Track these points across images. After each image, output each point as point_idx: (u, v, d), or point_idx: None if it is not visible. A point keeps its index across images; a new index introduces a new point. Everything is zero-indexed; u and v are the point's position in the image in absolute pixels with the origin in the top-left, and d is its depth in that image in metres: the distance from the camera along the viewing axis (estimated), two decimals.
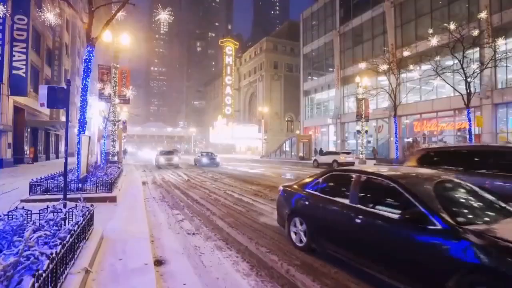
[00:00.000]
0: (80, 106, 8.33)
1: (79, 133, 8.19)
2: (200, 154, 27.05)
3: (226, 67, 68.57)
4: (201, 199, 9.29)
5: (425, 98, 29.63)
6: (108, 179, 7.98)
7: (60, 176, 8.94)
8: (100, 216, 6.03)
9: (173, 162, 23.81)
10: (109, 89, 15.72)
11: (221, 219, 6.59)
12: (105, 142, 15.60)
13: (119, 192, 8.75)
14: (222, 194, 10.23)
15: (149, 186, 12.51)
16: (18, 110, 21.45)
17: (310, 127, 46.70)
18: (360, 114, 27.34)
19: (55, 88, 5.31)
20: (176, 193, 10.54)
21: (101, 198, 7.49)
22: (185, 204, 8.40)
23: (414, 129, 31.32)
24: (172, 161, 23.77)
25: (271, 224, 6.15)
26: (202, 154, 26.83)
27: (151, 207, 7.93)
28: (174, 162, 23.84)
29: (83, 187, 7.68)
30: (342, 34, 40.32)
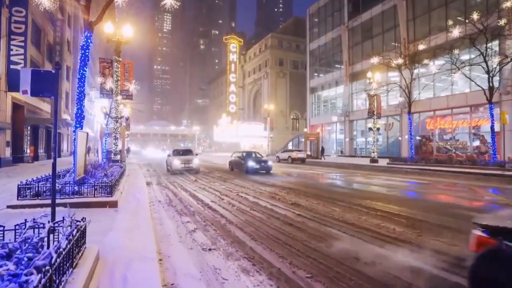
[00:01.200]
0: (77, 98, 7.38)
1: (75, 129, 7.24)
2: (242, 155, 18.77)
3: (230, 65, 67.52)
4: (213, 202, 8.32)
5: (439, 94, 28.47)
6: (108, 181, 7.02)
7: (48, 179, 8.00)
8: (98, 226, 5.08)
9: (192, 165, 17.19)
10: (110, 83, 14.79)
11: (240, 229, 5.61)
12: (106, 140, 14.67)
13: (121, 195, 7.80)
14: (234, 196, 9.26)
15: (153, 188, 11.56)
16: (17, 107, 20.61)
17: (317, 125, 45.61)
18: (372, 111, 26.24)
19: (41, 72, 4.35)
20: (183, 196, 9.58)
21: (100, 203, 6.54)
22: (195, 209, 7.43)
23: (427, 126, 30.17)
24: (191, 163, 17.16)
25: (299, 236, 5.16)
26: (244, 155, 18.69)
27: (157, 213, 6.97)
28: (194, 165, 17.23)
29: (79, 190, 6.73)
30: (350, 29, 39.16)
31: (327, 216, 6.65)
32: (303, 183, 12.75)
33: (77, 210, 6.42)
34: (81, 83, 7.45)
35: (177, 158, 17.40)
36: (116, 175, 8.64)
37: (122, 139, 29.04)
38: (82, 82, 7.48)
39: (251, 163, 17.14)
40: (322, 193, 9.86)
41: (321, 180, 14.63)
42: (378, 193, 9.99)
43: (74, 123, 7.40)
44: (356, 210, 7.27)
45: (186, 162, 17.15)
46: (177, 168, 16.99)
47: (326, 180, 14.56)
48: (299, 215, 6.74)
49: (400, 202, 8.27)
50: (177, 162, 16.99)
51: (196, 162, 17.45)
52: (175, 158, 17.31)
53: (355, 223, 5.97)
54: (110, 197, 6.78)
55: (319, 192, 9.99)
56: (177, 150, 19.24)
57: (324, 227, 5.72)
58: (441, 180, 13.85)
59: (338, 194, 9.77)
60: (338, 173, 18.33)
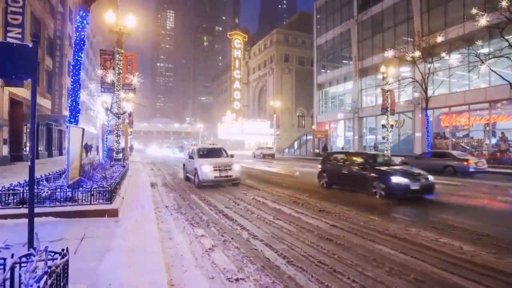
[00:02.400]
0: (72, 88, 6.35)
1: (70, 123, 6.20)
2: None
3: (235, 61, 66.33)
4: (227, 209, 7.26)
5: (455, 90, 27.19)
6: (107, 185, 5.98)
7: (47, 179, 6.98)
8: (93, 245, 4.04)
9: (232, 173, 11.29)
10: (111, 76, 13.74)
11: (268, 246, 4.54)
12: (107, 137, 13.65)
13: (123, 201, 6.76)
14: (250, 201, 8.19)
15: (159, 189, 10.54)
16: (15, 103, 19.67)
17: (324, 122, 44.38)
18: (386, 107, 25.01)
19: (13, 46, 3.32)
20: (192, 200, 8.54)
21: (97, 212, 5.50)
22: (208, 218, 6.38)
23: (441, 123, 28.89)
24: (229, 170, 11.29)
25: (346, 257, 4.09)
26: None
27: (164, 223, 5.93)
28: (234, 173, 11.35)
29: (73, 196, 5.70)
30: (360, 23, 37.80)
31: (367, 227, 5.57)
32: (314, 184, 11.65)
33: (70, 220, 5.40)
34: (76, 71, 6.41)
35: (207, 162, 11.16)
36: (117, 177, 7.59)
37: (125, 137, 28.08)
38: (77, 70, 6.44)
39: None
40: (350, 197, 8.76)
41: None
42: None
43: (68, 118, 6.36)
44: (397, 219, 6.19)
45: (223, 169, 11.04)
46: (208, 177, 10.73)
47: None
48: (333, 226, 5.66)
49: (457, 210, 7.14)
50: (208, 169, 10.79)
51: (237, 168, 11.43)
52: (204, 163, 11.08)
53: (407, 238, 4.88)
54: (109, 204, 5.74)
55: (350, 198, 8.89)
56: (204, 150, 12.74)
57: (371, 244, 4.63)
58: (473, 182, 12.69)
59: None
60: None
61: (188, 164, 12.69)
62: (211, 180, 10.81)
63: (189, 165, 12.31)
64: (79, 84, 6.45)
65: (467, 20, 24.96)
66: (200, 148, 12.74)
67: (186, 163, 13.07)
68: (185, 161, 13.55)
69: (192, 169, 11.67)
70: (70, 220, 5.26)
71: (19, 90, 18.99)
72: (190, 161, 12.17)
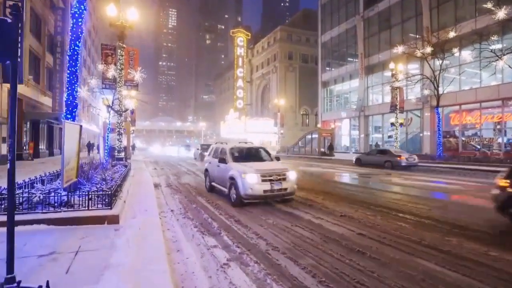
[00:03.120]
0: (68, 81, 5.75)
1: (66, 119, 5.60)
2: None
3: (238, 59, 65.59)
4: (238, 214, 6.65)
5: (465, 87, 26.46)
6: (107, 189, 5.37)
7: (42, 181, 6.39)
8: (88, 260, 3.44)
9: (286, 186, 7.67)
10: (113, 71, 13.12)
11: (293, 261, 3.92)
12: (108, 135, 13.05)
13: (124, 204, 6.16)
14: (262, 205, 7.58)
15: (163, 190, 9.94)
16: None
17: (329, 120, 43.69)
18: (395, 104, 24.33)
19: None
20: (199, 202, 7.93)
21: (96, 219, 4.90)
22: (219, 224, 5.77)
23: (451, 122, 28.13)
24: (284, 182, 7.63)
25: (388, 277, 3.46)
26: None
27: (170, 230, 5.33)
28: (288, 186, 7.73)
29: (69, 200, 5.09)
30: (366, 19, 37.05)
31: (400, 237, 4.93)
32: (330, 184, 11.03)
33: (64, 229, 4.78)
34: (72, 61, 5.80)
35: (251, 169, 7.58)
36: (118, 179, 6.97)
37: (127, 135, 27.52)
38: (74, 61, 5.84)
39: None
40: (367, 199, 8.13)
41: (353, 182, 12.89)
42: (451, 202, 8.24)
43: (64, 113, 5.77)
44: (432, 226, 5.55)
45: (275, 179, 7.49)
46: (255, 191, 7.25)
47: (357, 182, 12.81)
48: (360, 235, 5.03)
49: None
50: (255, 179, 7.31)
51: (293, 178, 7.86)
52: (247, 170, 7.55)
53: (451, 251, 4.24)
54: (109, 209, 5.13)
55: (364, 198, 8.27)
56: (239, 150, 9.20)
57: (411, 259, 4.00)
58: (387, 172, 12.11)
59: (392, 203, 8.03)
60: (366, 172, 16.54)
61: (215, 170, 9.13)
62: (259, 195, 7.21)
63: (218, 171, 8.84)
64: (76, 76, 5.85)
65: (480, 14, 24.27)
66: (233, 148, 9.06)
67: (212, 168, 9.50)
68: (208, 166, 9.95)
69: (223, 178, 8.34)
70: (65, 228, 4.67)
71: (19, 87, 18.37)
72: (220, 166, 8.64)
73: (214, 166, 9.29)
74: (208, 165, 10.07)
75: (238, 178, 7.41)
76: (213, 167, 9.35)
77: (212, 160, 9.65)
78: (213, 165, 9.35)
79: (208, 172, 9.95)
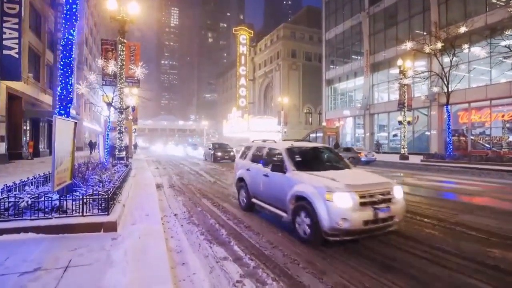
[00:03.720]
0: (61, 74, 5.22)
1: (60, 115, 5.07)
2: None
3: (240, 57, 65.01)
4: (247, 218, 6.11)
5: (475, 84, 25.82)
6: (103, 192, 4.83)
7: (32, 183, 5.88)
8: (79, 279, 2.92)
9: (394, 214, 4.57)
10: (112, 66, 12.58)
11: (318, 279, 3.37)
12: (108, 133, 12.54)
13: (123, 208, 5.63)
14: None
15: (165, 192, 9.41)
16: (13, 98, 18.66)
17: (333, 119, 43.10)
18: (403, 102, 23.69)
19: None
20: (205, 205, 7.40)
21: (91, 226, 4.37)
22: (228, 231, 5.22)
23: (459, 120, 27.53)
24: (391, 206, 4.56)
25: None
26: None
27: (174, 237, 4.79)
28: (396, 213, 4.63)
29: (61, 205, 4.56)
30: (371, 15, 36.38)
31: (434, 247, 4.36)
32: None
33: (55, 238, 4.22)
34: (66, 52, 5.28)
35: (338, 184, 4.55)
36: (117, 180, 6.44)
37: (129, 134, 27.06)
38: (68, 52, 5.31)
39: None
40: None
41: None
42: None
43: (58, 109, 5.24)
44: (466, 234, 4.97)
45: (379, 201, 4.55)
46: (354, 223, 4.26)
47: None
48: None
49: None
50: (351, 202, 4.33)
51: (400, 195, 4.88)
52: (334, 186, 4.49)
53: (499, 266, 3.68)
54: (106, 215, 4.60)
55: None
56: (301, 152, 6.25)
57: (458, 276, 3.43)
58: None
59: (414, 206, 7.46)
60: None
61: (260, 182, 6.23)
62: (357, 230, 4.33)
63: (268, 184, 5.94)
64: (71, 68, 5.33)
65: (492, 8, 23.60)
66: (292, 148, 6.05)
67: (253, 178, 6.57)
68: (245, 174, 6.95)
69: (279, 196, 5.46)
70: (55, 237, 4.14)
71: (17, 84, 17.97)
72: (272, 176, 5.78)
73: (257, 175, 6.35)
74: (244, 173, 6.95)
75: (316, 200, 4.40)
76: (256, 176, 6.39)
77: (252, 166, 6.74)
78: (255, 173, 6.46)
79: (244, 183, 6.82)
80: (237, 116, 61.42)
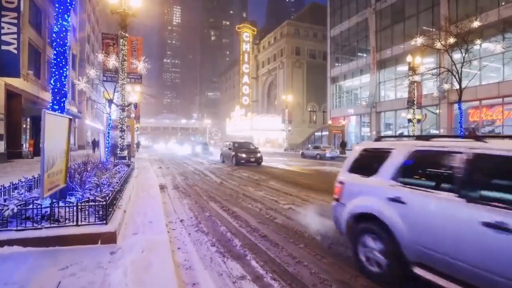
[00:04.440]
0: (55, 63, 4.66)
1: (53, 110, 4.51)
2: None
3: (243, 55, 64.37)
4: (260, 224, 5.52)
5: (486, 81, 25.13)
6: (101, 198, 4.26)
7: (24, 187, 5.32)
8: None
9: None
10: (113, 61, 11.99)
11: None
12: (109, 131, 11.96)
13: (124, 214, 5.05)
14: (287, 213, 6.43)
15: (169, 194, 8.84)
16: (12, 96, 18.16)
17: (338, 117, 42.38)
18: (412, 100, 23.00)
19: None
20: (213, 210, 6.81)
21: (86, 238, 3.80)
22: (242, 241, 4.63)
23: (469, 118, 26.85)
24: None
25: None
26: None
27: (181, 249, 4.21)
28: None
29: (52, 213, 3.99)
30: (378, 11, 35.65)
31: None
32: None
33: (44, 252, 3.61)
34: (60, 40, 4.71)
35: None
36: (117, 183, 5.85)
37: (131, 132, 26.55)
38: (63, 40, 4.74)
39: None
40: None
41: None
42: None
43: (51, 103, 4.67)
44: None
45: None
46: None
47: None
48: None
49: None
50: None
51: None
52: None
53: None
54: (104, 224, 4.02)
55: None
56: None
57: None
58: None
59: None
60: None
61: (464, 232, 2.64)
62: None
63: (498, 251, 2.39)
64: (65, 58, 4.76)
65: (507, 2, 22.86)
66: None
67: (430, 220, 2.94)
68: (393, 209, 3.28)
69: None
70: (45, 251, 3.57)
71: (16, 81, 17.45)
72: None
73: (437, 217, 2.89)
74: (382, 207, 3.39)
75: None
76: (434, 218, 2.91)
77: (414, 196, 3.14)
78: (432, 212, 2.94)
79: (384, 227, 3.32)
80: (240, 115, 60.88)
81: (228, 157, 20.38)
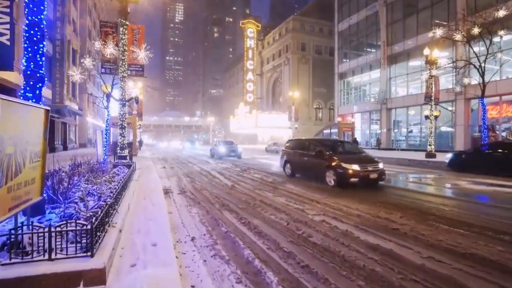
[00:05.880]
0: (27, 37, 3.50)
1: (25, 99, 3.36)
2: None
3: (248, 51, 63.11)
4: (289, 243, 4.35)
5: (506, 76, 23.82)
6: (84, 221, 3.09)
7: None
8: None
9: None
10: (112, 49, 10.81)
11: None
12: (107, 128, 10.82)
13: (120, 235, 3.90)
14: (314, 224, 5.26)
15: (175, 200, 7.69)
16: (7, 91, 16.97)
17: (346, 114, 41.10)
18: (430, 95, 21.72)
19: None
20: (230, 222, 5.64)
21: (62, 278, 2.65)
22: (276, 272, 3.46)
23: (488, 114, 25.46)
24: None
25: None
26: None
27: (195, 282, 3.06)
28: None
29: (17, 241, 2.84)
30: (389, 4, 34.25)
31: None
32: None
33: None
34: (34, 6, 3.56)
35: None
36: (111, 194, 4.64)
37: (133, 130, 25.44)
38: (37, 6, 3.59)
39: None
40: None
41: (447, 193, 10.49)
42: None
43: (22, 89, 3.54)
44: None
45: None
46: None
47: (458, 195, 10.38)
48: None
49: None
50: None
51: None
52: None
53: None
54: (89, 257, 2.86)
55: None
56: None
57: None
58: None
59: None
60: (408, 172, 14.13)
61: None
62: None
63: None
64: (40, 30, 3.63)
65: None
66: None
67: None
68: None
69: None
70: None
71: (10, 75, 16.29)
72: None
73: None
74: None
75: None
76: None
77: None
78: None
79: None
80: (244, 112, 59.73)
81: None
